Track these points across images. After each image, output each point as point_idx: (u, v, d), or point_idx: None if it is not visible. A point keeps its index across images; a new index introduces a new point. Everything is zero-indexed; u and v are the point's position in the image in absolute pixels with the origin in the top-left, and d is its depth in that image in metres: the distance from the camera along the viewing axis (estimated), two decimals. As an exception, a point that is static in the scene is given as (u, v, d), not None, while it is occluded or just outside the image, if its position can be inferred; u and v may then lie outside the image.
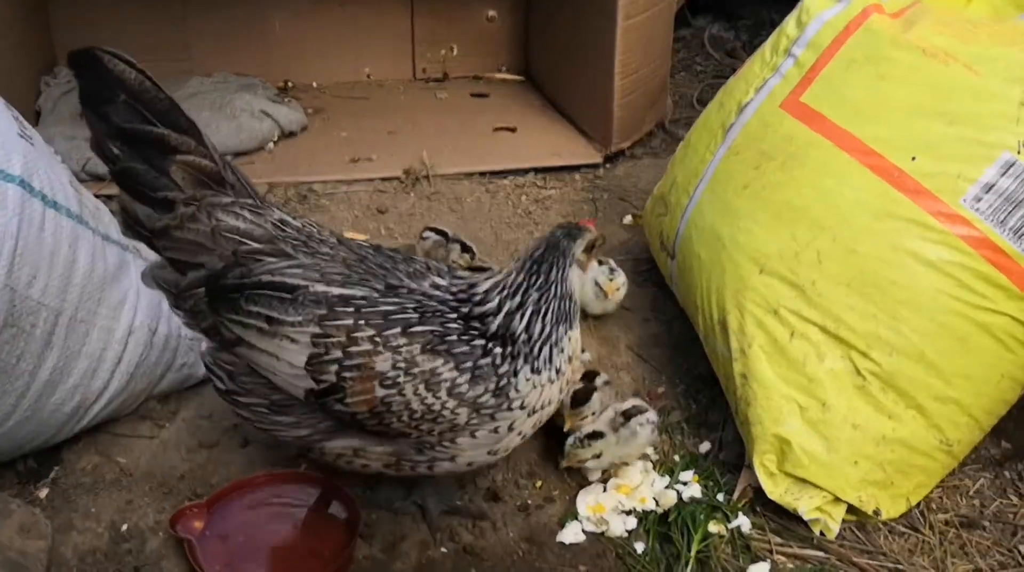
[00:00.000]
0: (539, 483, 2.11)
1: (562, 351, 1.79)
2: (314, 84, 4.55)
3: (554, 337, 1.77)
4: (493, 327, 1.75)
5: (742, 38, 5.35)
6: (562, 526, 1.99)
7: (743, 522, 1.99)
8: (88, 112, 1.74)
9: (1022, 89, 1.95)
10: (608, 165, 3.76)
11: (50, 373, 1.96)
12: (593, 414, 2.08)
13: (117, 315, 2.09)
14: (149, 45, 4.24)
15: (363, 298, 1.72)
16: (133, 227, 1.80)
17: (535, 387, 1.76)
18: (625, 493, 2.02)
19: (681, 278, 2.44)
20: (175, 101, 1.76)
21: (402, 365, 1.69)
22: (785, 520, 2.02)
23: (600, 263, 2.65)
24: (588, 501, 2.01)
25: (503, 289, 1.77)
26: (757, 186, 2.19)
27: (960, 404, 1.98)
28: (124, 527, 1.97)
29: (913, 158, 1.99)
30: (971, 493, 2.13)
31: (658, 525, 1.99)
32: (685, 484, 2.09)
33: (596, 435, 2.03)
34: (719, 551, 1.94)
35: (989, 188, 1.93)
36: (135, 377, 2.16)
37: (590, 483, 2.08)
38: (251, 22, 4.38)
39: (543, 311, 1.77)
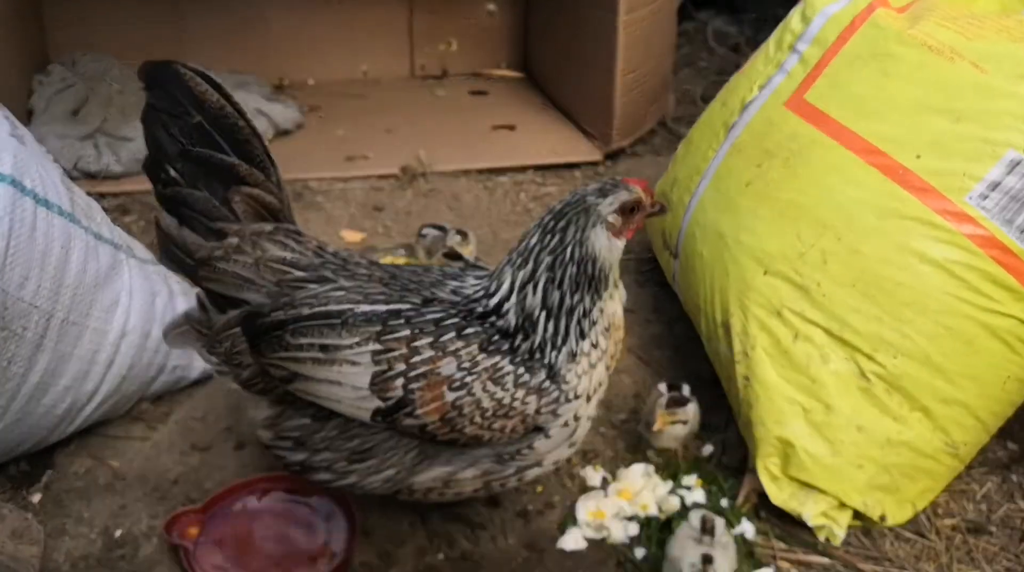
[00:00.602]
0: (539, 488, 2.08)
1: (594, 323, 1.68)
2: (310, 82, 4.53)
3: (579, 309, 1.66)
4: (511, 317, 1.67)
5: (746, 33, 5.32)
6: (562, 532, 1.96)
7: (747, 528, 1.96)
8: (152, 129, 1.66)
9: (1029, 86, 1.93)
10: (608, 163, 3.74)
11: (41, 376, 1.94)
12: (685, 423, 2.11)
13: (110, 317, 2.07)
14: (143, 42, 4.22)
15: (411, 310, 1.66)
16: (173, 255, 1.72)
17: (579, 376, 1.69)
18: (626, 499, 2.00)
19: (683, 278, 2.41)
20: (256, 130, 1.70)
21: (466, 365, 1.63)
22: (789, 526, 1.99)
23: None
24: (588, 507, 1.98)
25: (514, 259, 1.71)
26: (760, 184, 2.16)
27: (966, 406, 1.95)
28: (117, 533, 1.94)
29: (918, 156, 1.96)
30: (978, 497, 2.10)
31: (660, 532, 1.96)
32: (688, 489, 2.06)
33: (684, 400, 2.11)
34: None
35: (995, 186, 1.90)
36: (127, 379, 2.14)
37: (590, 489, 2.06)
38: (246, 19, 4.35)
39: (557, 279, 1.65)
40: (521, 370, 1.65)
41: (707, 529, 1.80)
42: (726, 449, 2.19)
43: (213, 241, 1.69)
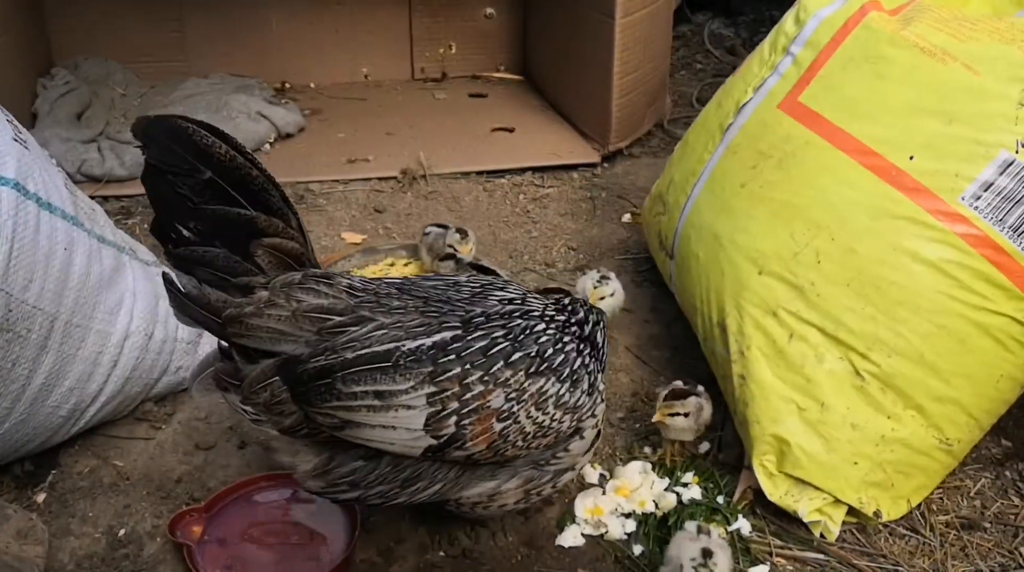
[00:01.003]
0: (538, 486, 2.10)
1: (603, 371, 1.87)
2: (312, 85, 4.55)
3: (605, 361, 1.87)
4: (586, 331, 1.80)
5: (742, 35, 5.35)
6: (560, 529, 1.98)
7: (743, 524, 1.98)
8: (156, 189, 1.56)
9: (1021, 88, 1.94)
10: (606, 164, 3.76)
11: (46, 377, 1.96)
12: (687, 415, 2.11)
13: (113, 319, 2.09)
14: (145, 46, 4.27)
15: (455, 341, 1.64)
16: (192, 313, 1.61)
17: (600, 387, 1.84)
18: (624, 495, 2.01)
19: (680, 278, 2.43)
20: (270, 176, 1.62)
21: (513, 395, 1.66)
22: (785, 522, 2.01)
23: (597, 271, 2.63)
24: (586, 504, 2.00)
25: (588, 307, 1.87)
26: (754, 186, 2.18)
27: (960, 404, 1.97)
28: (121, 532, 1.96)
29: (911, 157, 1.98)
30: (972, 494, 2.12)
31: (657, 528, 1.98)
32: (685, 485, 2.08)
33: (685, 393, 2.12)
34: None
35: (988, 186, 1.92)
36: (131, 380, 2.16)
37: (588, 486, 2.08)
38: (248, 23, 4.38)
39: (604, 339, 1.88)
40: (563, 389, 1.72)
41: (703, 531, 1.83)
42: (722, 447, 2.21)
43: (239, 297, 1.60)
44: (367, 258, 2.99)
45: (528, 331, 1.71)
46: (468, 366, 1.62)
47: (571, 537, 1.96)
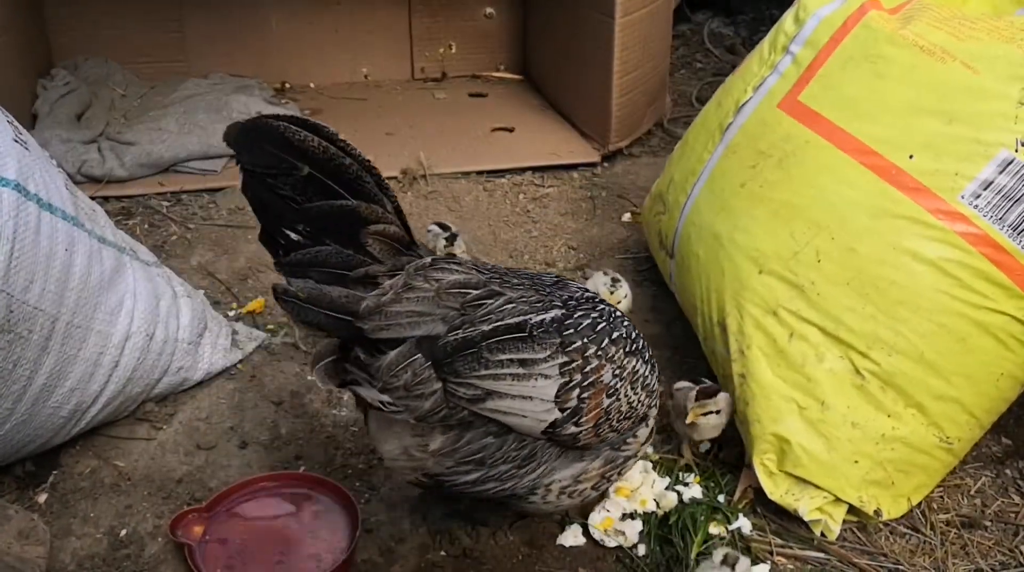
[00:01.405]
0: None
1: None
2: (311, 85, 4.55)
3: None
4: None
5: (742, 34, 5.35)
6: (562, 529, 1.99)
7: (743, 523, 1.99)
8: (259, 196, 1.54)
9: (1020, 87, 1.94)
10: (606, 164, 3.76)
11: (47, 378, 1.96)
12: (718, 412, 2.10)
13: (114, 320, 2.09)
14: (145, 46, 4.26)
15: (566, 318, 1.69)
16: (317, 319, 1.56)
17: None
18: (624, 496, 2.01)
19: (680, 278, 2.43)
20: (364, 161, 1.59)
21: (618, 372, 1.71)
22: (785, 521, 2.02)
23: (604, 273, 2.64)
24: (595, 520, 1.97)
25: None
26: (754, 185, 2.18)
27: (960, 403, 1.97)
28: (123, 532, 1.96)
29: (911, 156, 1.98)
30: (972, 492, 2.12)
31: (659, 528, 1.98)
32: (686, 485, 2.08)
33: (714, 390, 2.11)
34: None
35: (987, 185, 1.92)
36: (132, 381, 2.16)
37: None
38: (248, 23, 4.38)
39: None
40: (647, 370, 1.81)
41: (728, 563, 1.83)
42: (723, 446, 2.21)
43: (361, 290, 1.57)
44: (367, 258, 2.99)
45: (614, 314, 1.78)
46: (585, 340, 1.68)
47: (572, 537, 1.96)
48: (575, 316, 1.70)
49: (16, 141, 1.92)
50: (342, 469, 2.14)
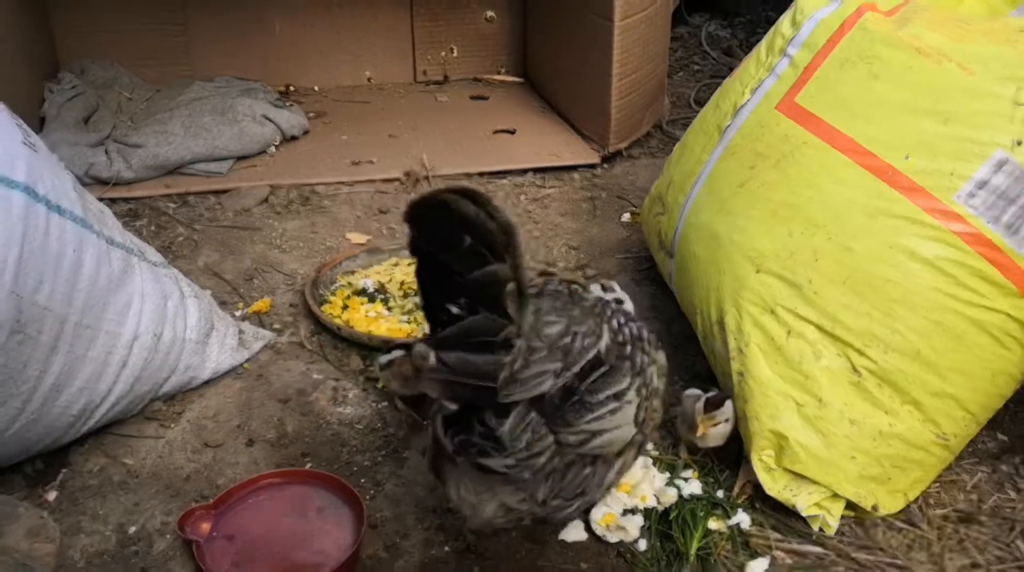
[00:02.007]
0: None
1: None
2: (315, 88, 4.58)
3: None
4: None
5: (739, 36, 5.38)
6: (563, 525, 2.01)
7: (742, 519, 2.01)
8: (432, 277, 1.47)
9: (1016, 87, 1.96)
10: (606, 165, 3.79)
11: (56, 377, 1.98)
12: (727, 421, 2.12)
13: (122, 320, 2.11)
14: (150, 50, 4.30)
15: (616, 335, 1.71)
16: (465, 392, 1.49)
17: None
18: (625, 491, 2.04)
19: (680, 277, 2.46)
20: (509, 223, 1.44)
21: (660, 373, 1.78)
22: (784, 516, 2.04)
23: (603, 288, 2.63)
24: (596, 517, 2.00)
25: None
26: (752, 185, 2.20)
27: (956, 399, 1.99)
28: (131, 529, 1.99)
29: (907, 157, 2.00)
30: (969, 488, 2.14)
31: (659, 523, 2.00)
32: (686, 480, 2.10)
33: (721, 399, 2.12)
34: (719, 548, 1.96)
35: (983, 185, 1.94)
36: (140, 380, 2.19)
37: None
38: (252, 26, 4.41)
39: None
40: (664, 359, 1.85)
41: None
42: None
43: (504, 354, 1.48)
44: (372, 258, 3.02)
45: (635, 319, 1.82)
46: (639, 353, 1.72)
47: (574, 532, 1.98)
48: (618, 329, 1.72)
49: (25, 143, 1.94)
50: (347, 466, 2.17)
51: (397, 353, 2.20)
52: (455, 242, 1.42)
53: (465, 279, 1.43)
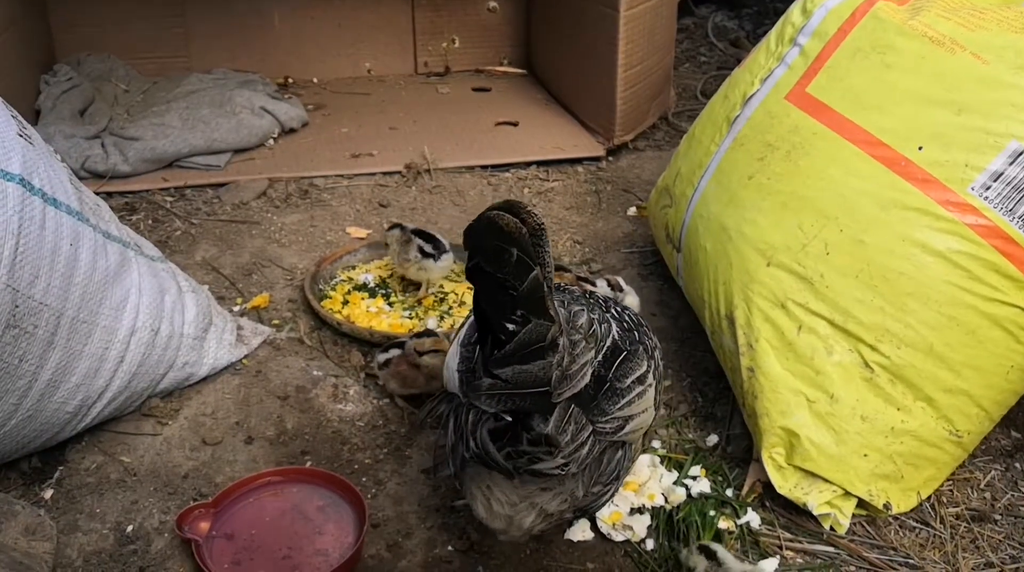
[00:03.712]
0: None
1: None
2: (315, 80, 4.55)
3: None
4: None
5: (746, 27, 5.35)
6: (570, 524, 1.98)
7: (752, 518, 1.98)
8: (494, 298, 1.44)
9: (1031, 77, 1.93)
10: (611, 158, 3.75)
11: (52, 373, 1.96)
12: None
13: (119, 315, 2.09)
14: (148, 41, 4.27)
15: (621, 321, 1.78)
16: (522, 400, 1.48)
17: None
18: (632, 490, 2.01)
19: (687, 271, 2.42)
20: (540, 224, 1.45)
21: (659, 353, 1.85)
22: (794, 515, 2.01)
23: (610, 285, 2.61)
24: (602, 514, 1.97)
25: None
26: (762, 177, 2.17)
27: (970, 395, 1.96)
28: (129, 528, 1.96)
29: (920, 148, 1.97)
30: (982, 486, 2.11)
31: (667, 522, 1.97)
32: (694, 479, 2.07)
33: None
34: (729, 547, 1.92)
35: (997, 176, 1.91)
36: (137, 376, 2.16)
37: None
38: (250, 18, 4.38)
39: None
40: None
41: None
42: (731, 440, 2.21)
43: (552, 355, 1.48)
44: (372, 252, 2.98)
45: (626, 307, 1.88)
46: (646, 337, 1.79)
47: (580, 531, 1.95)
48: (620, 315, 1.79)
49: (20, 135, 1.92)
50: (348, 464, 2.14)
51: (394, 352, 2.21)
52: (506, 257, 1.41)
53: (518, 292, 1.43)
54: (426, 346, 2.21)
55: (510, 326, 1.45)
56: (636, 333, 1.77)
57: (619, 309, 1.84)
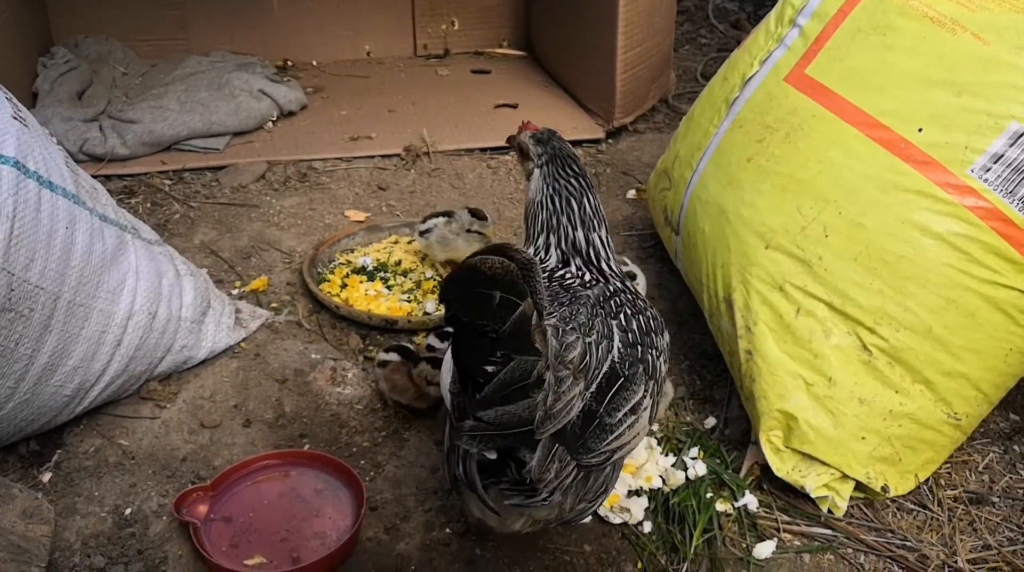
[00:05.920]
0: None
1: None
2: (314, 62, 4.52)
3: None
4: None
5: (747, 9, 5.31)
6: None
7: (750, 500, 1.98)
8: (473, 346, 1.42)
9: (1032, 58, 1.92)
10: (610, 140, 3.74)
11: (49, 356, 1.96)
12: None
13: (116, 298, 2.08)
14: (147, 24, 4.24)
15: (626, 332, 1.72)
16: (505, 440, 1.47)
17: None
18: (630, 472, 2.01)
19: (686, 254, 2.41)
20: (529, 259, 1.41)
21: (665, 357, 1.80)
22: (792, 498, 2.01)
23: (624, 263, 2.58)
24: None
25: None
26: (761, 159, 2.16)
27: (968, 378, 1.96)
28: (127, 511, 1.96)
29: (920, 129, 1.95)
30: (980, 468, 2.11)
31: (664, 505, 1.97)
32: (693, 460, 2.07)
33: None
34: (726, 530, 1.93)
35: (998, 158, 1.90)
36: (135, 359, 2.16)
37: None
38: (249, 0, 4.34)
39: None
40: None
41: None
42: (729, 423, 2.21)
43: (537, 394, 1.46)
44: (371, 236, 2.97)
45: (643, 299, 1.85)
46: (652, 353, 1.73)
47: (577, 514, 1.96)
48: (626, 325, 1.72)
49: (15, 118, 1.91)
50: (347, 447, 2.14)
51: (393, 356, 2.17)
52: (486, 300, 1.38)
53: (499, 333, 1.39)
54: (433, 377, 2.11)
55: (489, 369, 1.42)
56: (642, 345, 1.70)
57: (632, 309, 1.76)
